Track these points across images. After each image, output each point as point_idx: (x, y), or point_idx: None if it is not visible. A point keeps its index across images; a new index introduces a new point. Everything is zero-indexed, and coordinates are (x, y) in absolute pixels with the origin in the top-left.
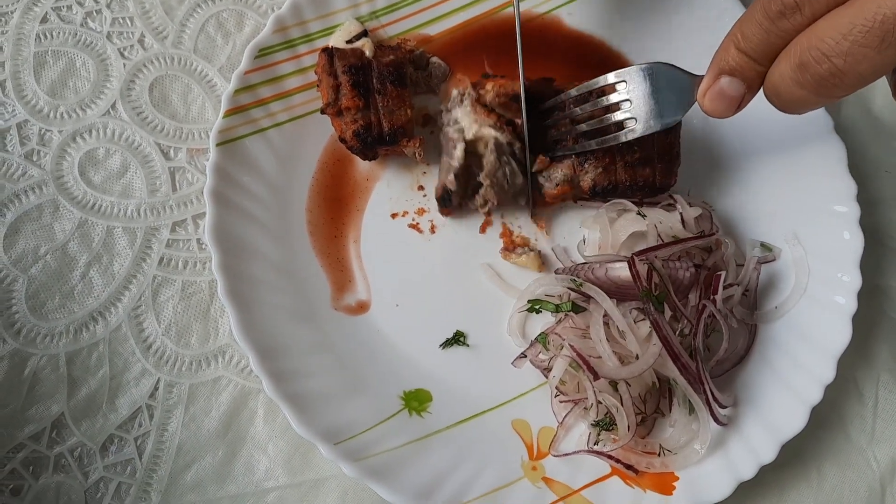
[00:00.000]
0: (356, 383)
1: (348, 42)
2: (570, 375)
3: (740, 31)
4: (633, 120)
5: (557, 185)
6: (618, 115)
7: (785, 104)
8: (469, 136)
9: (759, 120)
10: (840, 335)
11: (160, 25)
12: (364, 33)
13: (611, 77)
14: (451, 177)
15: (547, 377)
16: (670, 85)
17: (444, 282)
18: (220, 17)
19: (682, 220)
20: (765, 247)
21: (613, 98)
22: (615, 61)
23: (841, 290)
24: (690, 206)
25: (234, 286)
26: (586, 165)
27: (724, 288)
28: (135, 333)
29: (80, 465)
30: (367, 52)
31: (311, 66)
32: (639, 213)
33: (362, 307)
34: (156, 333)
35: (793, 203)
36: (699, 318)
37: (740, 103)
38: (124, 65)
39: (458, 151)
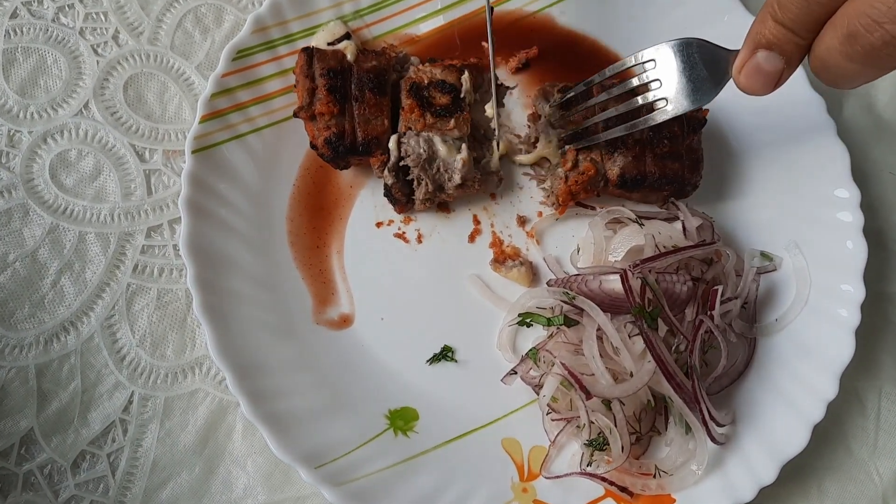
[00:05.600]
0: (339, 402)
1: (330, 44)
2: (561, 393)
3: (777, 0)
4: (664, 101)
5: (582, 173)
6: (647, 97)
7: (834, 79)
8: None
9: (757, 124)
10: (843, 350)
11: (135, 21)
12: (347, 36)
13: (639, 57)
14: (386, 171)
15: (538, 394)
16: (703, 62)
17: (432, 294)
18: (198, 12)
19: (684, 229)
20: (765, 256)
21: (642, 80)
22: (609, 61)
23: (844, 302)
24: (692, 216)
25: (210, 301)
26: (615, 154)
27: (723, 302)
28: (108, 344)
29: (50, 483)
30: (349, 56)
31: (292, 68)
32: (636, 222)
33: (345, 321)
34: (130, 344)
35: (794, 211)
36: (696, 334)
37: (778, 79)
38: (98, 62)
39: (392, 144)
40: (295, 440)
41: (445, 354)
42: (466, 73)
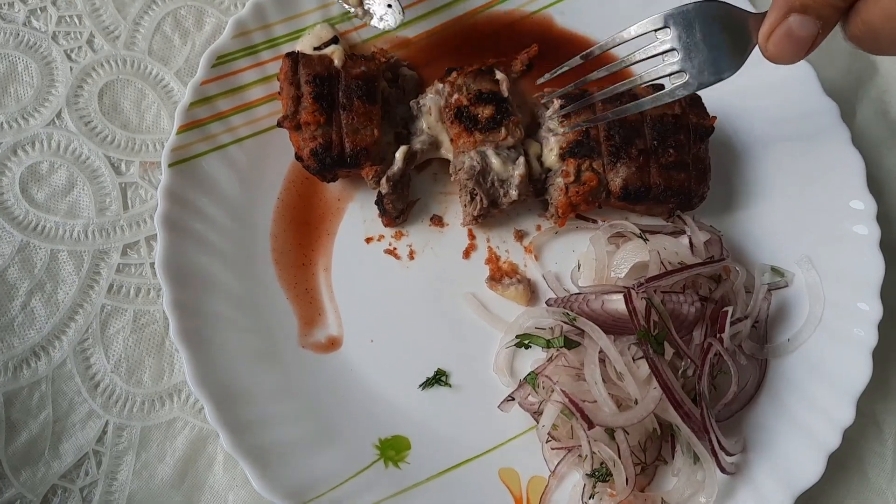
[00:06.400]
0: (326, 431)
1: (317, 49)
2: (562, 420)
3: None
4: (683, 74)
5: (584, 183)
6: (664, 69)
7: (888, 46)
8: (445, 155)
9: (767, 131)
10: (859, 372)
11: (111, 24)
12: (335, 40)
13: (651, 23)
14: (383, 180)
15: (537, 421)
16: (725, 28)
17: (424, 314)
18: (178, 14)
19: (691, 244)
20: (776, 272)
21: (657, 49)
22: (609, 62)
23: (859, 321)
24: (699, 230)
25: (188, 325)
26: (618, 165)
27: (733, 323)
28: (81, 370)
29: None
30: (336, 62)
31: (275, 75)
32: (640, 237)
33: (333, 344)
34: (104, 370)
35: (806, 223)
36: (704, 358)
37: (811, 46)
38: (71, 68)
39: (399, 155)
40: (279, 474)
41: (439, 379)
42: (499, 73)
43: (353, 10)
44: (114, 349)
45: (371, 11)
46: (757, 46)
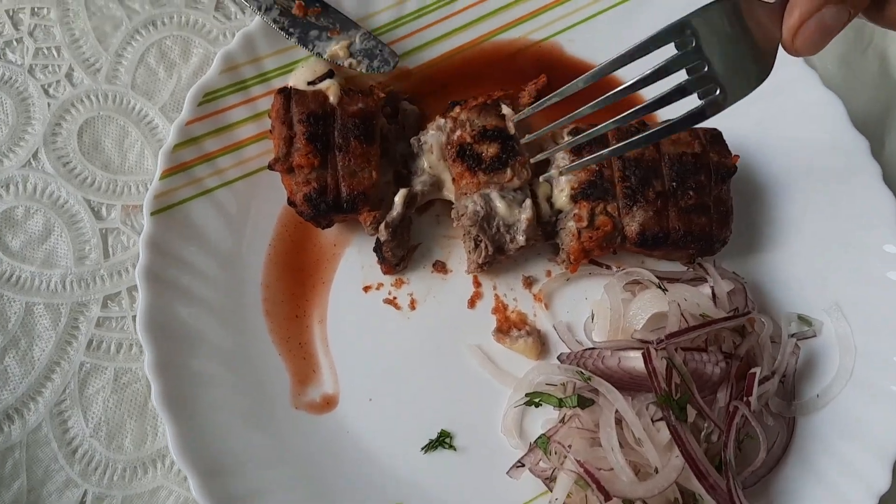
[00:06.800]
0: (321, 500)
1: (311, 83)
2: (577, 489)
3: None
4: (716, 88)
5: (597, 228)
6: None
7: None
8: (448, 196)
9: (791, 168)
10: (894, 431)
11: (92, 56)
12: (330, 73)
13: (670, 32)
14: (382, 227)
15: (549, 488)
16: (749, 27)
17: (427, 369)
18: (163, 45)
19: (714, 296)
20: (803, 320)
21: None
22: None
23: (894, 375)
24: (722, 279)
25: (172, 389)
26: (634, 208)
27: (760, 383)
28: (58, 435)
29: None
30: (332, 98)
31: (267, 111)
32: (659, 286)
33: (329, 403)
34: (83, 434)
35: (835, 267)
36: (730, 424)
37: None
38: (49, 104)
39: (398, 199)
40: None
41: (443, 441)
42: (505, 107)
43: (343, 62)
44: (93, 411)
45: (360, 59)
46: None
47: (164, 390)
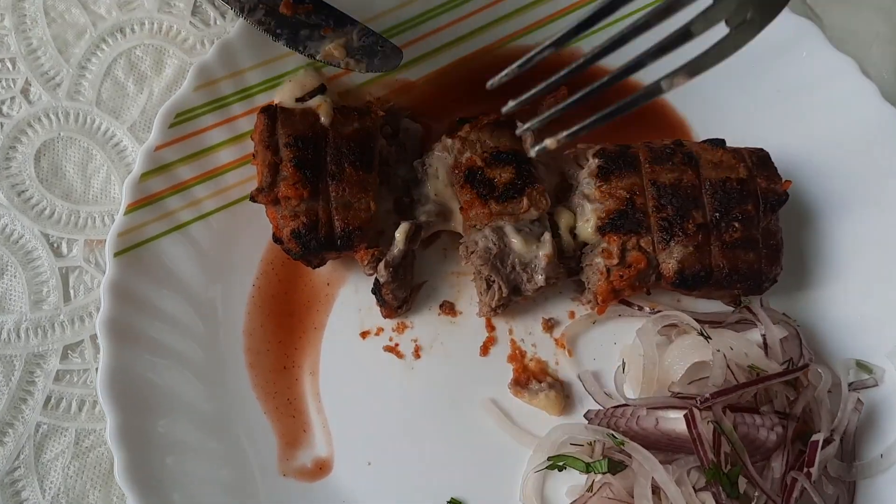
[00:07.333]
0: None
1: (300, 99)
2: None
3: None
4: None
5: (629, 266)
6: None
7: None
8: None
9: (846, 194)
10: None
11: (51, 69)
12: (321, 89)
13: None
14: (381, 266)
15: None
16: None
17: (433, 428)
18: (132, 55)
19: (765, 344)
20: (862, 367)
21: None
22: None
23: None
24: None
25: (138, 461)
26: (672, 244)
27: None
28: None
29: None
30: (323, 118)
31: (249, 132)
32: (701, 334)
33: (321, 468)
34: None
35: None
36: (788, 498)
37: None
38: (2, 125)
39: (399, 235)
40: None
41: None
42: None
43: (340, 63)
44: (51, 480)
45: (359, 59)
46: None
47: (130, 462)
